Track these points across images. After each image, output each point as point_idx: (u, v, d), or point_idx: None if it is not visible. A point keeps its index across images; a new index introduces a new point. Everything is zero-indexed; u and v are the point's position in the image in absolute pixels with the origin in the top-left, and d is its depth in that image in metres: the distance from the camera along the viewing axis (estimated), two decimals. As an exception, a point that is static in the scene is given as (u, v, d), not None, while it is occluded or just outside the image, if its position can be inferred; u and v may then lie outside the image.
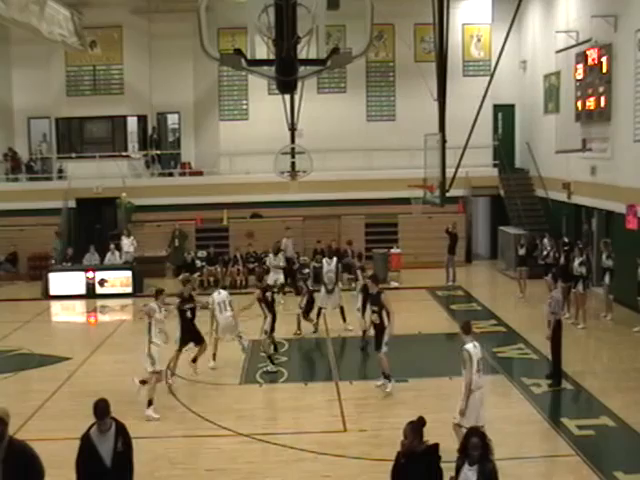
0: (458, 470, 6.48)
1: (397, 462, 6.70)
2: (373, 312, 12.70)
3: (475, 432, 6.43)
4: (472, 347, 9.56)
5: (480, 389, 9.47)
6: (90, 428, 6.92)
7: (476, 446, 6.32)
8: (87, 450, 6.82)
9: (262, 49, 9.04)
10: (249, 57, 8.65)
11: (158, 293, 12.39)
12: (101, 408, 6.87)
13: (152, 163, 27.50)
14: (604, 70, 19.30)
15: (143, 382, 12.16)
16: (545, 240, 19.90)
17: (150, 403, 11.66)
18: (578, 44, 20.98)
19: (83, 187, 25.44)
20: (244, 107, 27.51)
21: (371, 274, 14.11)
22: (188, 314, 13.45)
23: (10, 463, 6.28)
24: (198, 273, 22.57)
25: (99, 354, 15.61)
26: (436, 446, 6.71)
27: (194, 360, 13.69)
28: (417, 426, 6.74)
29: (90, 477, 6.81)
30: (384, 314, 12.49)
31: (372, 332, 13.15)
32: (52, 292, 21.69)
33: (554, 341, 13.20)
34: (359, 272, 16.51)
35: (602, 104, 19.49)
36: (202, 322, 14.00)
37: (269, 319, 14.21)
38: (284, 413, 12.04)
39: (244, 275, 22.51)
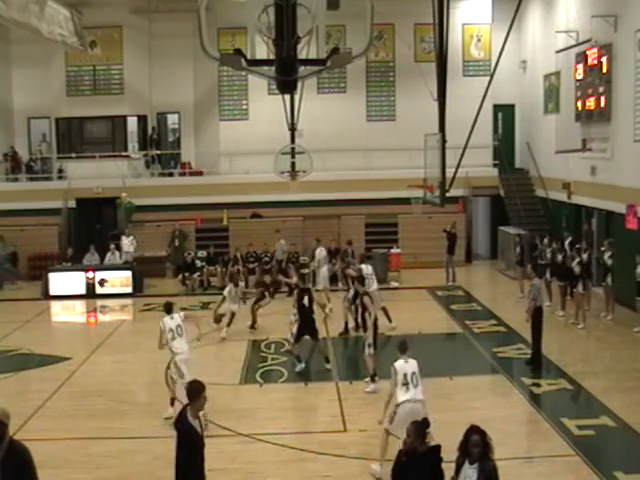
0: (458, 469, 6.47)
1: (398, 460, 6.71)
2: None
3: (475, 430, 6.42)
4: (402, 363, 9.54)
5: (411, 402, 9.30)
6: (184, 412, 7.28)
7: (476, 444, 6.31)
8: (193, 434, 7.21)
9: (262, 49, 9.03)
10: (249, 57, 8.63)
11: None
12: (202, 387, 7.42)
13: (152, 163, 27.50)
14: (604, 70, 19.29)
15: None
16: (545, 240, 19.93)
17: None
18: (578, 44, 20.97)
19: (83, 187, 25.45)
20: (244, 107, 27.51)
21: (356, 275, 14.16)
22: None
23: (9, 464, 6.27)
24: (198, 273, 22.59)
25: (99, 354, 15.61)
26: (438, 448, 6.70)
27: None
28: (420, 427, 6.73)
29: (197, 456, 7.30)
30: (367, 316, 12.52)
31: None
32: (52, 292, 21.69)
33: (534, 327, 13.68)
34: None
35: (602, 104, 19.48)
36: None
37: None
38: (284, 413, 12.04)
39: (244, 275, 22.51)
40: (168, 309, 11.75)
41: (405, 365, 9.49)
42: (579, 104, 20.75)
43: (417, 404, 9.32)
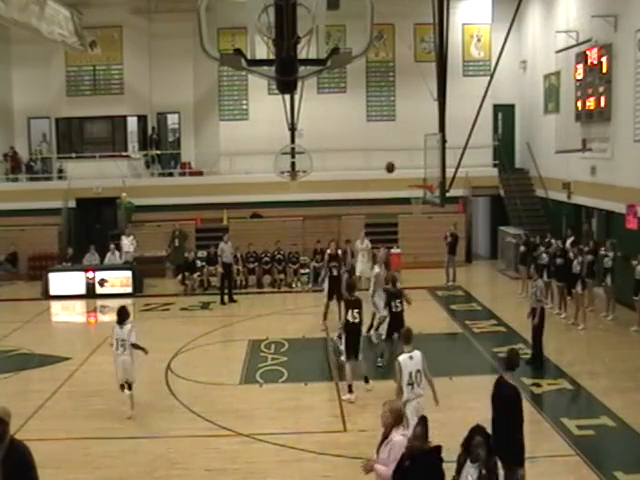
0: (460, 467, 6.47)
1: (401, 460, 6.70)
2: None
3: (480, 431, 6.43)
4: (406, 359, 9.31)
5: (417, 399, 9.32)
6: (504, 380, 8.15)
7: (479, 444, 6.32)
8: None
9: (262, 49, 9.03)
10: (249, 57, 8.63)
11: None
12: None
13: (152, 163, 27.52)
14: (604, 70, 19.30)
15: None
16: (544, 241, 19.92)
17: None
18: (578, 44, 20.98)
19: (83, 187, 25.48)
20: (244, 107, 27.52)
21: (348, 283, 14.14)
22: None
23: (10, 463, 6.28)
24: (198, 273, 22.58)
25: (99, 354, 15.57)
26: (439, 448, 6.70)
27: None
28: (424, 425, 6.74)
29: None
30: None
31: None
32: (52, 292, 21.69)
33: (537, 327, 13.84)
34: None
35: (602, 104, 19.49)
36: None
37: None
38: (284, 413, 12.03)
39: (244, 275, 22.53)
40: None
41: (411, 362, 9.28)
42: (579, 104, 20.76)
43: (420, 399, 9.38)
